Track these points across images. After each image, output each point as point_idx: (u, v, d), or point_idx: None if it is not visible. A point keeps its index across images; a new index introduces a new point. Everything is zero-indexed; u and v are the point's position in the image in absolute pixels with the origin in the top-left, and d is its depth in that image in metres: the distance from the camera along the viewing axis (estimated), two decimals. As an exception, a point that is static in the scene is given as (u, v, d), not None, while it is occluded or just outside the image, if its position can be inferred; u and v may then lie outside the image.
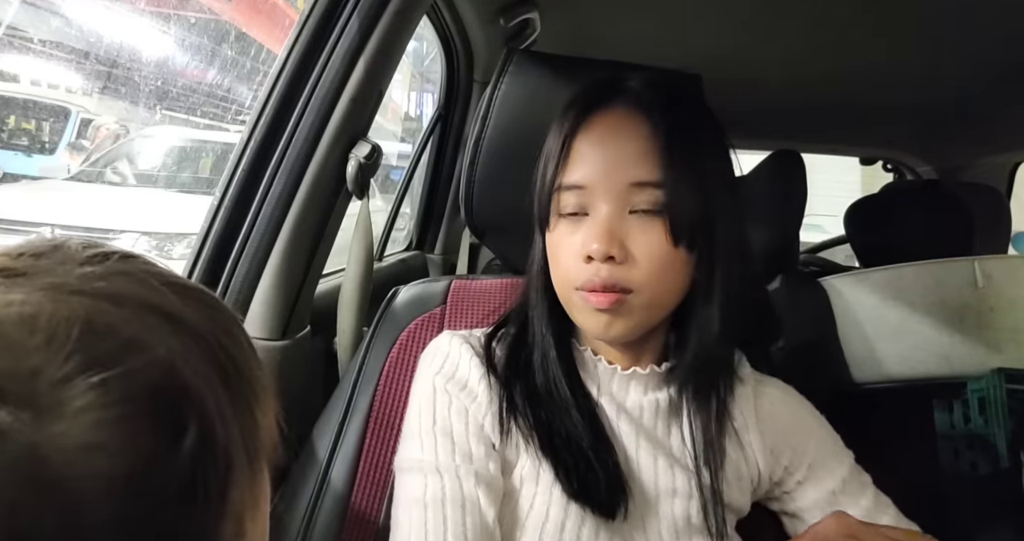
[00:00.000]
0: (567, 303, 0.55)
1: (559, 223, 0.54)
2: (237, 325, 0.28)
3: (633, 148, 0.52)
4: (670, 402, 0.57)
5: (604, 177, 0.52)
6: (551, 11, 1.08)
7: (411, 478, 0.52)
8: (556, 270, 0.55)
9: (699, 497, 0.54)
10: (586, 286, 0.51)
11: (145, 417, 0.20)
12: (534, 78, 0.68)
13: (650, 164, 0.51)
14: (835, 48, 1.15)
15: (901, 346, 0.83)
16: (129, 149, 3.10)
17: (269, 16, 2.79)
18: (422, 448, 0.53)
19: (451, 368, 0.56)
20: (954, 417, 0.81)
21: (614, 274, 0.51)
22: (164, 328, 0.23)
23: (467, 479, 0.51)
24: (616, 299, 0.51)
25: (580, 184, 0.52)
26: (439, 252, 1.48)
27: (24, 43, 2.46)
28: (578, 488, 0.51)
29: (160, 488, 0.20)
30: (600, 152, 0.52)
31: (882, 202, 1.31)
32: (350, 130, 0.74)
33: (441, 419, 0.54)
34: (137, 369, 0.21)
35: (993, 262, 0.81)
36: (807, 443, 0.59)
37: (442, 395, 0.55)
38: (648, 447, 0.54)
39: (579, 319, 0.54)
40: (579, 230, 0.52)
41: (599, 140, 0.53)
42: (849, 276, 0.92)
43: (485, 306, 0.69)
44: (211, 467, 0.22)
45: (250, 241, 0.71)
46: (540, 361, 0.56)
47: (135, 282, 0.24)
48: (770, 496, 0.60)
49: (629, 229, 0.51)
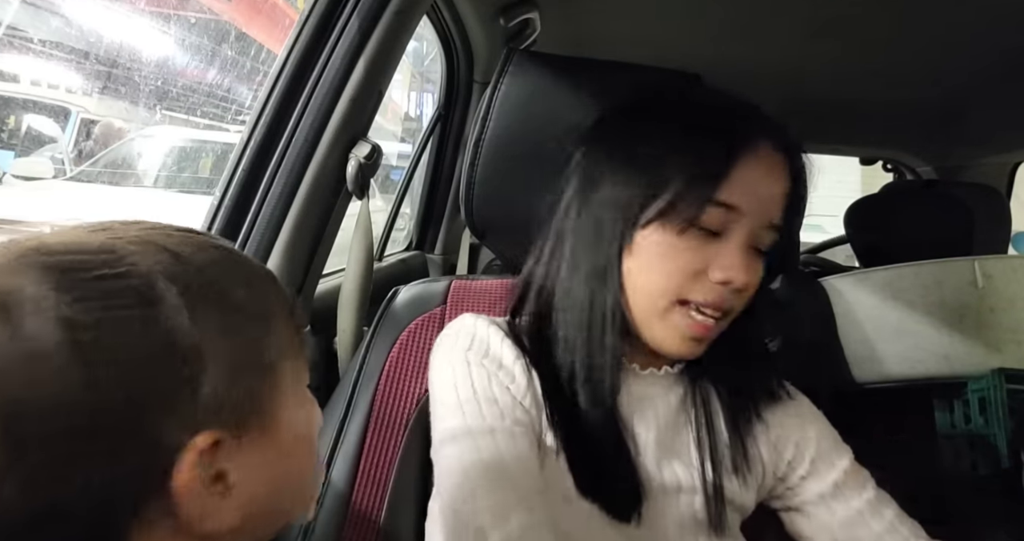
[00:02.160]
0: (653, 314, 0.53)
1: (687, 231, 0.51)
2: (254, 273, 0.34)
3: (781, 190, 0.53)
4: (682, 401, 0.57)
5: (756, 209, 0.52)
6: (551, 11, 1.08)
7: (462, 445, 0.50)
8: (662, 277, 0.52)
9: (705, 495, 0.54)
10: (707, 305, 0.51)
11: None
12: (534, 78, 0.68)
13: (781, 209, 0.54)
14: (835, 48, 1.15)
15: (901, 346, 0.83)
16: (129, 149, 3.10)
17: (269, 16, 2.79)
18: (465, 416, 0.51)
19: (482, 346, 0.55)
20: (954, 417, 0.81)
21: (728, 301, 0.52)
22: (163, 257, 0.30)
23: (522, 439, 0.50)
24: (719, 329, 0.53)
25: (737, 206, 0.51)
26: (439, 252, 1.48)
27: (24, 43, 2.46)
28: (592, 489, 0.51)
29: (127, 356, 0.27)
30: (763, 184, 0.52)
31: (882, 202, 1.31)
32: (350, 130, 0.74)
33: (482, 389, 0.52)
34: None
35: (993, 262, 0.81)
36: (809, 437, 0.59)
37: (478, 368, 0.53)
38: (660, 445, 0.55)
39: (662, 334, 0.53)
40: (711, 247, 0.51)
41: (765, 171, 0.52)
42: (849, 276, 0.91)
43: (485, 306, 0.69)
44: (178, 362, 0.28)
45: (250, 241, 0.71)
46: (588, 369, 0.53)
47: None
48: (774, 493, 0.60)
49: (750, 260, 0.53)
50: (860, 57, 1.18)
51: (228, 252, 0.34)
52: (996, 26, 0.99)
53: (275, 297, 0.34)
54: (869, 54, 1.16)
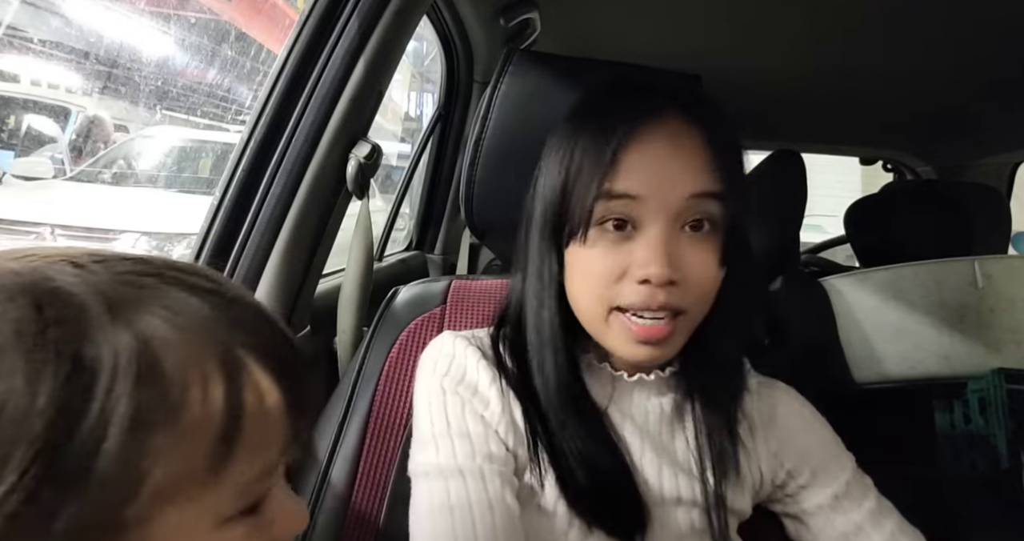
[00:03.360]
0: (596, 322, 0.51)
1: (598, 237, 0.49)
2: None
3: (691, 160, 0.49)
4: (674, 407, 0.56)
5: (659, 188, 0.48)
6: (551, 11, 1.08)
7: (432, 483, 0.50)
8: (588, 287, 0.50)
9: (703, 503, 0.53)
10: (636, 308, 0.48)
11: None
12: (534, 78, 0.68)
13: (708, 176, 0.49)
14: (835, 48, 1.15)
15: (901, 346, 0.83)
16: (129, 149, 3.10)
17: (269, 16, 2.79)
18: (438, 452, 0.50)
19: (458, 371, 0.54)
20: (954, 417, 0.81)
21: (671, 299, 0.48)
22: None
23: (492, 480, 0.49)
24: (671, 330, 0.48)
25: (632, 194, 0.48)
26: (439, 252, 1.48)
27: (24, 43, 2.46)
28: (590, 508, 0.50)
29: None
30: (657, 163, 0.48)
31: (882, 202, 1.31)
32: (350, 130, 0.74)
33: (456, 421, 0.51)
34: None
35: (993, 262, 0.81)
36: (811, 447, 0.58)
37: (452, 397, 0.53)
38: (653, 454, 0.53)
39: (613, 343, 0.51)
40: (624, 247, 0.49)
41: (655, 150, 0.48)
42: (849, 276, 0.91)
43: (485, 306, 0.69)
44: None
45: (250, 241, 0.71)
46: (544, 371, 0.52)
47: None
48: (772, 498, 0.59)
49: (683, 249, 0.48)
50: (860, 58, 1.18)
51: None
52: (996, 26, 0.99)
53: None
54: (869, 55, 1.16)
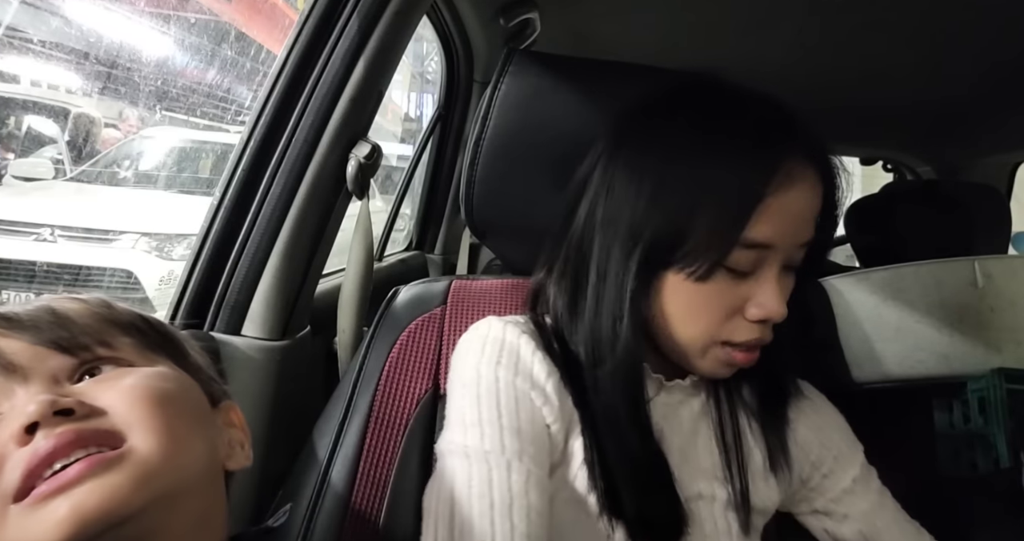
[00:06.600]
0: (691, 350, 0.50)
1: (717, 275, 0.47)
2: None
3: (814, 209, 0.48)
4: (704, 408, 0.56)
5: (791, 237, 0.47)
6: (551, 11, 1.08)
7: (473, 466, 0.47)
8: (694, 321, 0.49)
9: (732, 503, 0.53)
10: (750, 345, 0.48)
11: None
12: (534, 78, 0.68)
13: (815, 226, 0.49)
14: (835, 48, 1.15)
15: (901, 346, 0.83)
16: (129, 150, 3.10)
17: (269, 16, 2.79)
18: (483, 439, 0.48)
19: (512, 358, 0.51)
20: (954, 417, 0.81)
21: (766, 333, 0.49)
22: None
23: (534, 480, 0.47)
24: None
25: (769, 244, 0.46)
26: (439, 252, 1.48)
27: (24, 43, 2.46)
28: (631, 509, 0.49)
29: None
30: (791, 211, 0.47)
31: (882, 202, 1.31)
32: (350, 130, 0.74)
33: (508, 414, 0.49)
34: None
35: (993, 262, 0.81)
36: (832, 435, 0.59)
37: (508, 389, 0.50)
38: (683, 454, 0.54)
39: (700, 364, 0.51)
40: (741, 286, 0.48)
41: (791, 196, 0.46)
42: (849, 276, 0.91)
43: (486, 306, 0.69)
44: None
45: (250, 241, 0.71)
46: (614, 379, 0.50)
47: None
48: (797, 498, 0.60)
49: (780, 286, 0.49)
50: (860, 58, 1.18)
51: None
52: (996, 26, 0.99)
53: None
54: (870, 55, 1.16)
